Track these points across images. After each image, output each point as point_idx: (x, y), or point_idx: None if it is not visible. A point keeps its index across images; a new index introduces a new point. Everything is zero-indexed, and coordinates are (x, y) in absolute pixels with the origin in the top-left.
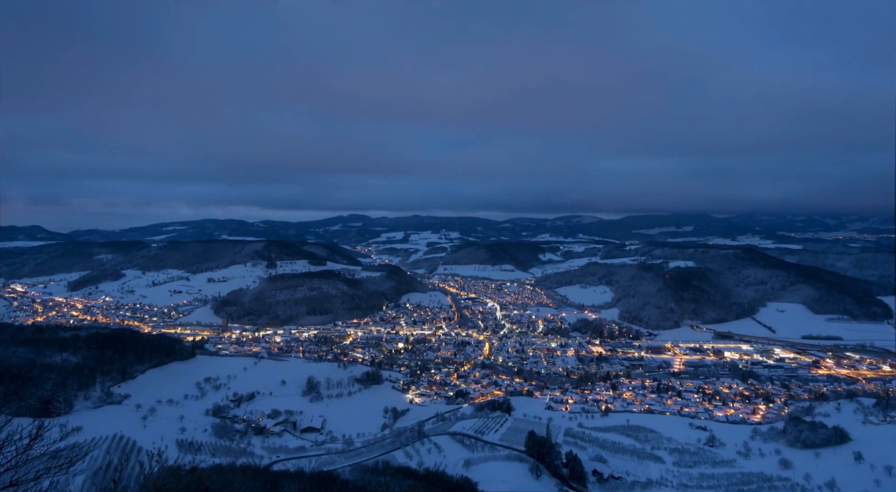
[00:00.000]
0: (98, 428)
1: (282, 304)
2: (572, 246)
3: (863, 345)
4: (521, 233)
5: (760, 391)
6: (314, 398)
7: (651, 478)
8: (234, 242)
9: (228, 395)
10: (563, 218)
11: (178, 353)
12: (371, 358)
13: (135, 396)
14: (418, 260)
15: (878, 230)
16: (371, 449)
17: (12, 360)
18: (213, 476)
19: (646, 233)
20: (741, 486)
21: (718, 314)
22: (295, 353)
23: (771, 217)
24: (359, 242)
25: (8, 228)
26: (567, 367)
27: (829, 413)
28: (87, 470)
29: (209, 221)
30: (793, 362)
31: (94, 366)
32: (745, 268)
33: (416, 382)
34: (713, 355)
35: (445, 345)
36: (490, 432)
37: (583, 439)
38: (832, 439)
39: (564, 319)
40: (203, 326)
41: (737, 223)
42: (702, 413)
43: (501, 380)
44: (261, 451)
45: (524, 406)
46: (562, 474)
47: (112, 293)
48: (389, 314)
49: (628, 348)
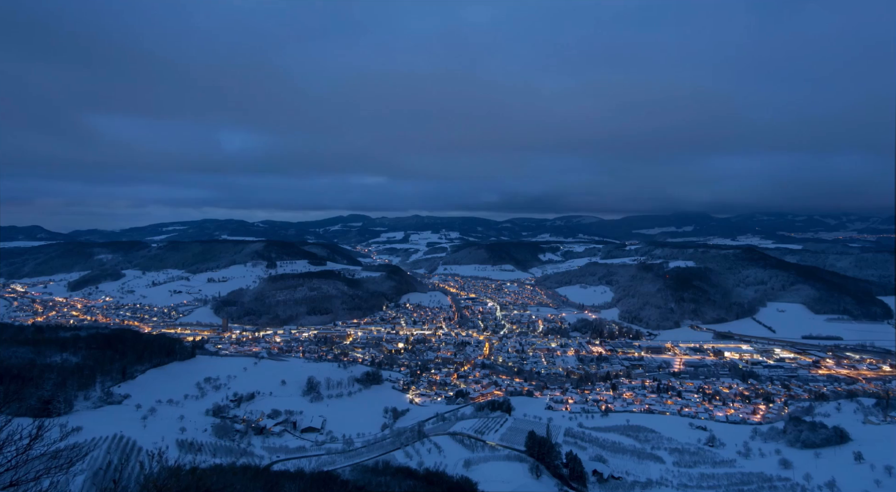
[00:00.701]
0: (98, 428)
1: (282, 304)
2: (572, 246)
3: (863, 345)
4: (521, 233)
5: (760, 391)
6: (314, 398)
7: (651, 478)
8: (234, 242)
9: (228, 395)
10: (563, 218)
11: (178, 353)
12: (371, 358)
13: (135, 396)
14: (418, 260)
15: (878, 230)
16: (371, 449)
17: (12, 360)
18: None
19: (646, 233)
20: (741, 486)
21: (718, 314)
22: (295, 353)
23: (771, 217)
24: (359, 242)
25: (8, 228)
26: (567, 367)
27: (829, 413)
28: (87, 470)
29: (209, 221)
30: (793, 362)
31: (94, 366)
32: (745, 268)
33: (416, 382)
34: (713, 355)
35: (445, 345)
36: (490, 432)
37: (583, 439)
38: (832, 439)
39: (564, 319)
40: (203, 326)
41: (737, 223)
42: (702, 413)
43: (501, 380)
44: (261, 451)
45: (524, 406)
46: (562, 474)
47: (112, 293)
48: (389, 314)
49: (628, 348)
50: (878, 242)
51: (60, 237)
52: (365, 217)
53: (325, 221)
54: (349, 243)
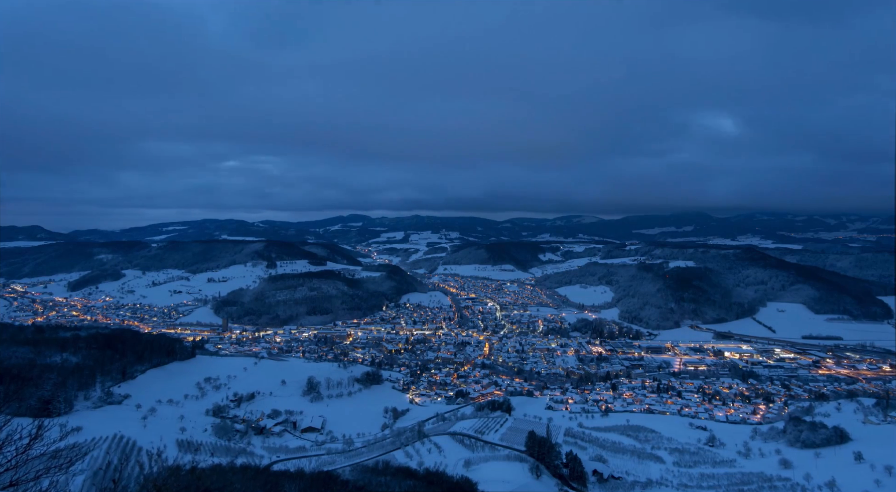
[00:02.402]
0: (98, 428)
1: (282, 304)
2: (572, 246)
3: (863, 345)
4: (521, 233)
5: (760, 391)
6: (314, 398)
7: (651, 478)
8: (234, 242)
9: (228, 395)
10: (563, 218)
11: (179, 353)
12: (371, 358)
13: (135, 396)
14: (418, 260)
15: (878, 230)
16: (371, 449)
17: (12, 360)
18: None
19: (646, 233)
20: (741, 486)
21: (718, 314)
22: (295, 353)
23: (771, 217)
24: (359, 242)
25: (8, 228)
26: (567, 367)
27: (829, 413)
28: (87, 470)
29: (209, 221)
30: (793, 362)
31: (94, 366)
32: (745, 268)
33: (416, 382)
34: (713, 355)
35: (445, 345)
36: (490, 432)
37: (583, 438)
38: (832, 439)
39: (564, 319)
40: (203, 326)
41: (737, 223)
42: (702, 413)
43: (501, 380)
44: (261, 451)
45: (524, 406)
46: (562, 473)
47: (112, 293)
48: (389, 314)
49: (628, 348)
50: (878, 242)
51: (60, 237)
52: (365, 217)
53: (325, 221)
54: (349, 243)
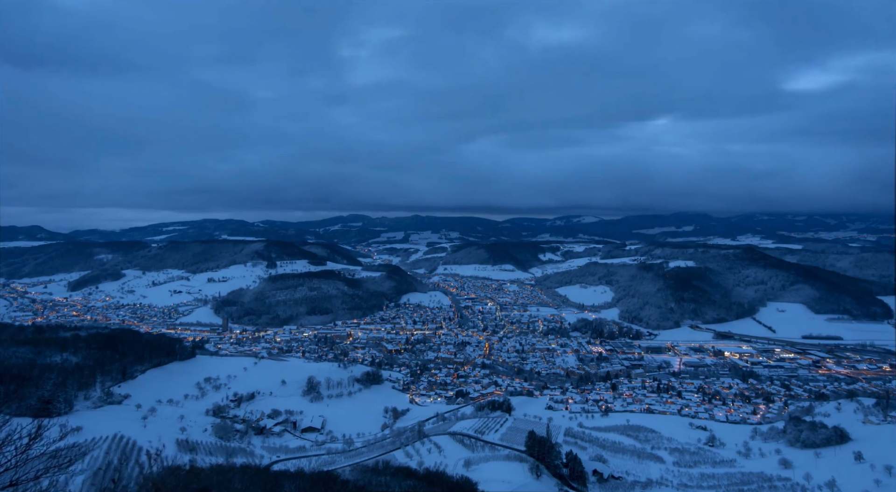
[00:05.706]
0: (98, 428)
1: (282, 304)
2: (572, 246)
3: (863, 345)
4: (521, 233)
5: (760, 391)
6: (314, 398)
7: (651, 478)
8: (234, 242)
9: (228, 395)
10: (563, 218)
11: (179, 353)
12: (371, 358)
13: (135, 396)
14: (418, 260)
15: (878, 230)
16: (371, 449)
17: (12, 360)
18: (213, 476)
19: (646, 233)
20: (741, 486)
21: (718, 314)
22: (295, 353)
23: (771, 217)
24: (359, 242)
25: (8, 228)
26: (567, 367)
27: (829, 413)
28: (87, 470)
29: (209, 221)
30: (793, 362)
31: (94, 366)
32: (745, 268)
33: (416, 382)
34: (713, 355)
35: (445, 345)
36: (490, 432)
37: (583, 438)
38: (832, 439)
39: (564, 319)
40: (203, 326)
41: (737, 223)
42: (702, 413)
43: (501, 380)
44: (261, 451)
45: (524, 406)
46: (562, 473)
47: (112, 293)
48: (390, 314)
49: (628, 348)
50: (878, 242)
51: (60, 237)
52: (365, 217)
53: (325, 221)
54: (349, 243)
